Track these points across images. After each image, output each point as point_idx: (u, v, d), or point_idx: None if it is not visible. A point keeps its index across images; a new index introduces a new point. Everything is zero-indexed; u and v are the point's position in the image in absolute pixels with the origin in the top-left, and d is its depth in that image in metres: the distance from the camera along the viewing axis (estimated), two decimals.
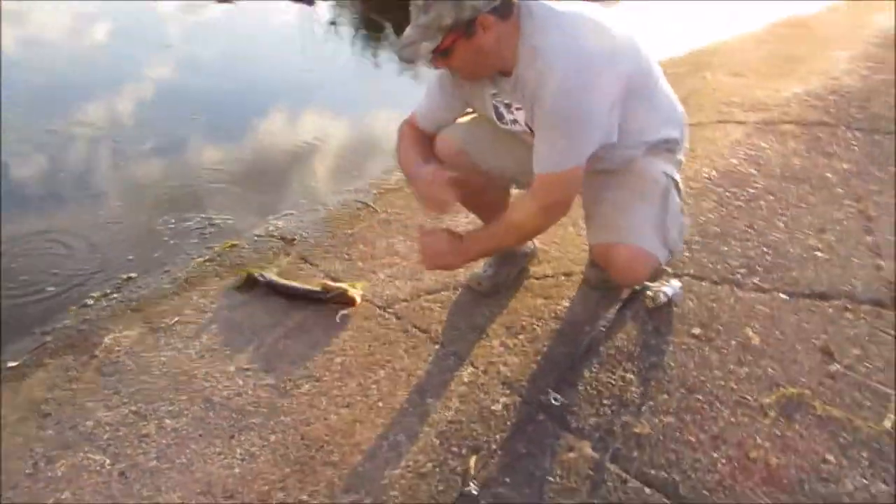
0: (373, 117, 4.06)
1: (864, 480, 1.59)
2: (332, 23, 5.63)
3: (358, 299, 2.23)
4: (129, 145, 3.51)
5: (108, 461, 1.77)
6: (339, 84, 4.59)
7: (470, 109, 2.01)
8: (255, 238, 2.72)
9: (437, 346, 2.09)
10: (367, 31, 5.64)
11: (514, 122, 1.86)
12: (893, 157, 3.11)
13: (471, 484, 1.63)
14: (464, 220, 2.66)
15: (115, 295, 2.44)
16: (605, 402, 1.85)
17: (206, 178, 3.25)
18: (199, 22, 5.59)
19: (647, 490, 1.61)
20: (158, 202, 3.02)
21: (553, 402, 1.84)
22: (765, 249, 2.44)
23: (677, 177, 1.96)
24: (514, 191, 2.19)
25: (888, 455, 1.64)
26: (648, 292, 2.15)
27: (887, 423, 1.71)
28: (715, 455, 1.68)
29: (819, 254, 2.41)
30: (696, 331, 2.07)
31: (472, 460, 1.70)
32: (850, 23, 5.69)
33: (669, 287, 2.15)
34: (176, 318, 2.25)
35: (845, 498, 1.55)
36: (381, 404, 1.89)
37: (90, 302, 2.41)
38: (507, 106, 1.84)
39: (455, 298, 2.28)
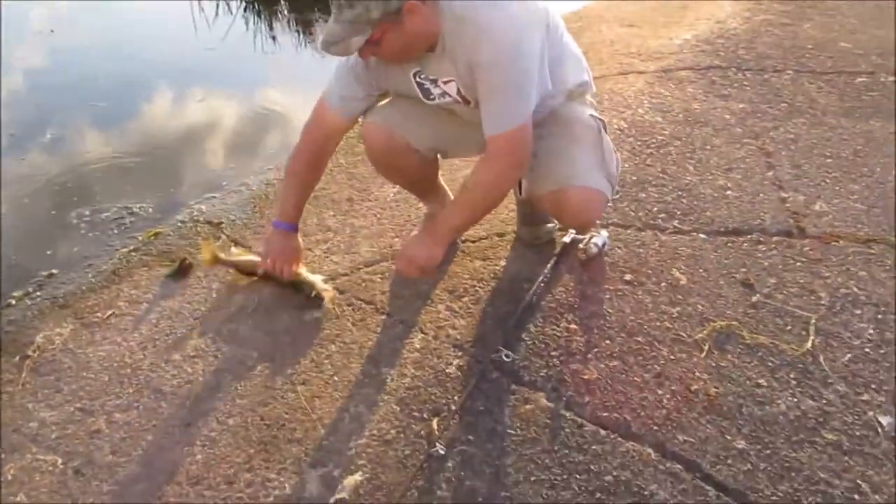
0: (280, 92, 3.97)
1: (794, 399, 1.74)
2: None
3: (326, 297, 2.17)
4: (28, 137, 3.31)
5: (59, 460, 1.73)
6: (240, 61, 4.45)
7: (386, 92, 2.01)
8: (180, 224, 2.65)
9: (383, 317, 2.12)
10: (259, 4, 5.46)
11: (443, 94, 1.88)
12: (783, 94, 3.33)
13: (437, 445, 1.69)
14: (392, 191, 2.67)
15: (37, 293, 2.34)
16: (552, 353, 1.94)
17: (117, 166, 3.12)
18: (80, 6, 5.25)
19: (603, 432, 1.71)
20: (68, 195, 2.89)
21: (504, 358, 1.91)
22: (680, 193, 2.58)
23: (602, 117, 2.04)
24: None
25: (813, 373, 1.81)
26: (580, 245, 2.24)
27: (808, 345, 1.88)
28: (660, 392, 1.80)
29: (729, 192, 2.58)
30: (628, 277, 2.18)
31: (434, 422, 1.76)
32: None
33: (599, 237, 2.25)
34: (110, 312, 2.19)
35: (780, 417, 1.70)
36: (336, 378, 1.92)
37: (12, 302, 2.30)
38: (434, 81, 1.85)
39: (394, 268, 2.31)
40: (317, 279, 2.18)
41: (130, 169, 3.10)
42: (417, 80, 1.87)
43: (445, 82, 1.83)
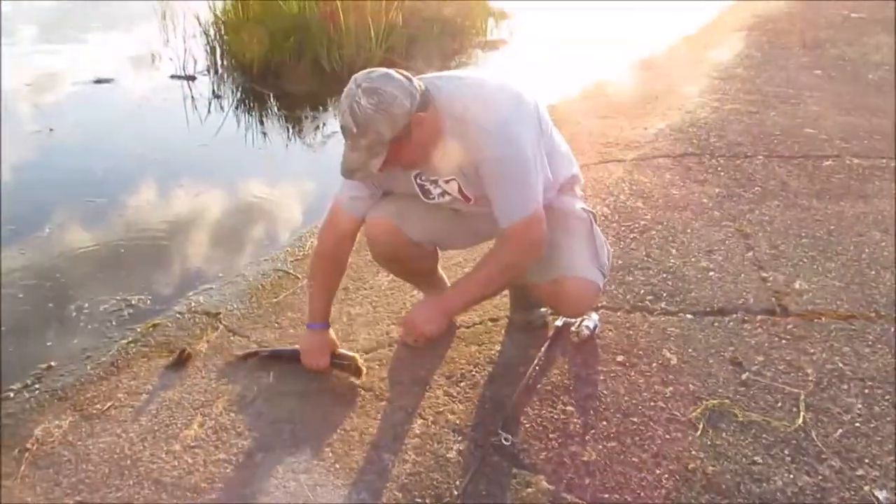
0: (271, 186, 4.08)
1: (791, 476, 1.78)
2: (216, 96, 5.61)
3: (364, 370, 2.24)
4: (27, 232, 3.36)
5: None
6: (233, 155, 4.58)
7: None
8: (178, 315, 2.68)
9: (383, 403, 2.14)
10: (251, 101, 5.67)
11: (443, 194, 1.99)
12: (755, 178, 3.49)
13: None
14: (386, 280, 2.74)
15: (36, 385, 2.34)
16: (551, 436, 1.97)
17: (115, 259, 3.17)
18: (80, 103, 5.42)
19: None
20: (67, 288, 2.92)
21: (504, 442, 1.93)
22: (665, 275, 2.67)
23: (591, 209, 2.16)
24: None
25: (806, 449, 1.85)
26: (573, 328, 2.31)
27: (800, 421, 1.93)
28: (658, 471, 1.83)
29: (712, 273, 2.67)
30: (620, 358, 2.24)
31: None
32: (690, 60, 6.28)
33: (590, 320, 2.32)
34: (109, 403, 2.19)
35: (778, 494, 1.73)
36: (338, 466, 1.92)
37: (11, 395, 2.30)
38: (434, 181, 1.96)
39: (392, 355, 2.35)
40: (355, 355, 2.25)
41: (128, 262, 3.15)
42: (418, 181, 1.99)
43: (447, 181, 1.94)
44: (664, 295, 2.55)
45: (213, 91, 5.71)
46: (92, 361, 2.45)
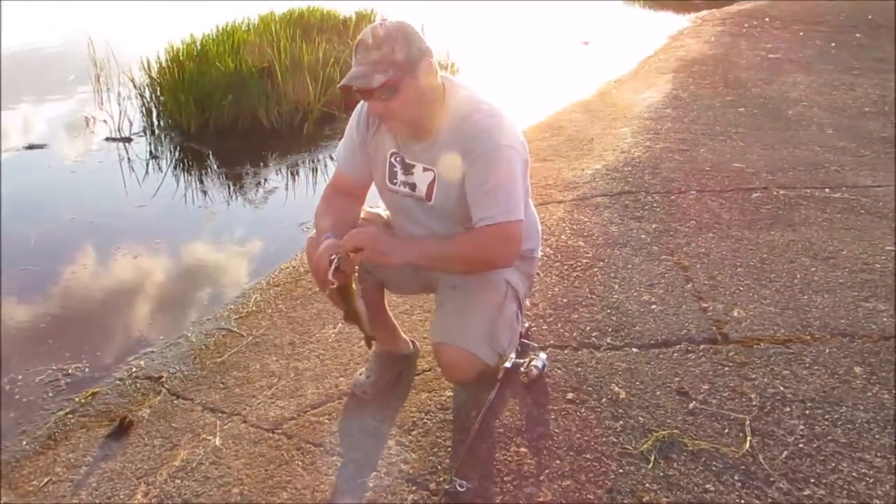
0: (212, 245, 4.03)
1: (742, 501, 1.81)
2: (154, 157, 5.55)
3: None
4: None
5: None
6: (172, 215, 4.51)
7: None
8: (118, 382, 2.60)
9: (334, 458, 2.10)
10: (189, 160, 5.62)
11: (406, 184, 1.98)
12: (690, 212, 3.60)
13: None
14: (333, 332, 2.71)
15: None
16: (506, 478, 1.96)
17: (51, 328, 3.06)
18: (12, 170, 5.28)
19: None
20: (2, 360, 2.80)
21: (459, 488, 1.91)
22: (609, 311, 2.71)
23: (521, 286, 2.09)
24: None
25: (755, 473, 1.88)
26: (522, 369, 2.31)
27: (746, 446, 1.97)
28: None
29: (654, 306, 2.73)
30: (570, 395, 2.26)
31: None
32: (623, 102, 6.48)
33: (539, 360, 2.33)
34: (46, 479, 2.11)
35: None
36: None
37: None
38: (408, 167, 1.96)
39: (342, 408, 2.32)
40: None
41: (65, 330, 3.05)
42: (391, 160, 1.98)
43: (425, 169, 1.93)
44: (609, 330, 2.59)
45: (150, 152, 5.64)
46: (28, 436, 2.36)
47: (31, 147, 5.67)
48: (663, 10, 12.96)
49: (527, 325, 2.56)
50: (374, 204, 2.21)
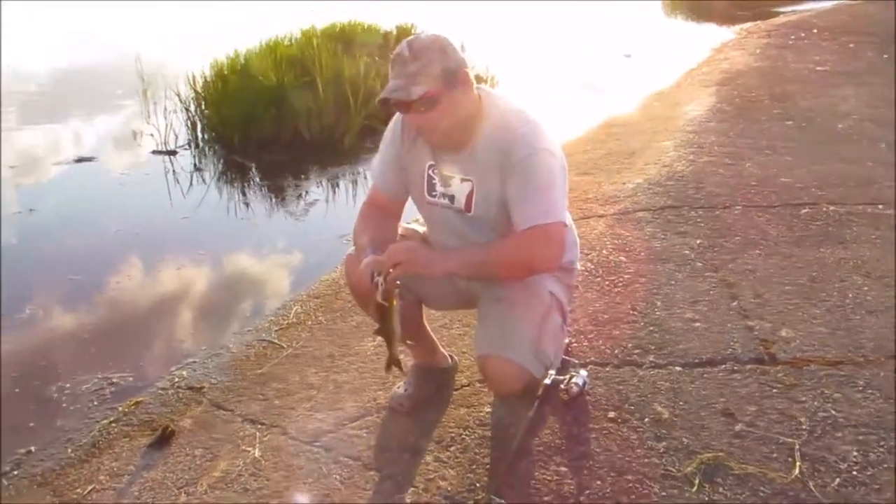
0: (254, 256, 4.08)
1: None
2: (198, 169, 5.67)
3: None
4: (7, 314, 3.31)
5: None
6: (216, 227, 4.60)
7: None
8: (160, 391, 2.64)
9: (371, 473, 2.09)
10: (232, 173, 5.72)
11: (445, 195, 1.98)
12: (735, 228, 3.52)
13: None
14: (372, 345, 2.71)
15: (15, 472, 2.28)
16: (545, 498, 1.92)
17: (96, 337, 3.13)
18: (62, 183, 5.44)
19: None
20: (47, 369, 2.88)
21: None
22: (651, 328, 2.66)
23: (564, 298, 2.08)
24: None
25: (805, 501, 1.81)
26: (562, 386, 2.27)
27: (796, 471, 1.90)
28: None
29: (698, 324, 2.67)
30: (612, 414, 2.21)
31: None
32: (664, 116, 6.42)
33: (579, 377, 2.28)
34: (90, 487, 2.14)
35: None
36: None
37: None
38: (444, 179, 1.96)
39: (380, 422, 2.31)
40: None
41: (110, 340, 3.11)
42: (430, 173, 1.99)
43: (462, 180, 1.93)
44: (652, 348, 2.53)
45: (195, 164, 5.76)
46: (72, 444, 2.40)
47: (80, 160, 5.83)
48: (706, 23, 12.84)
49: (567, 340, 2.52)
50: (412, 219, 2.21)
